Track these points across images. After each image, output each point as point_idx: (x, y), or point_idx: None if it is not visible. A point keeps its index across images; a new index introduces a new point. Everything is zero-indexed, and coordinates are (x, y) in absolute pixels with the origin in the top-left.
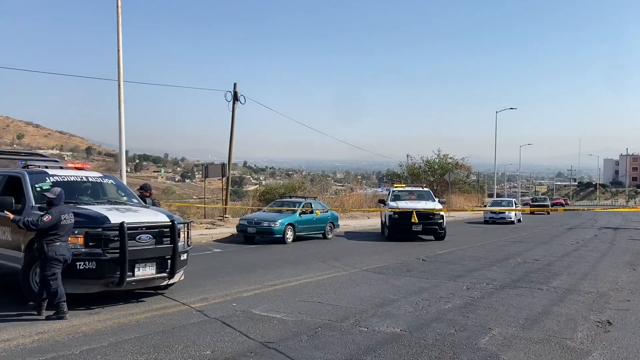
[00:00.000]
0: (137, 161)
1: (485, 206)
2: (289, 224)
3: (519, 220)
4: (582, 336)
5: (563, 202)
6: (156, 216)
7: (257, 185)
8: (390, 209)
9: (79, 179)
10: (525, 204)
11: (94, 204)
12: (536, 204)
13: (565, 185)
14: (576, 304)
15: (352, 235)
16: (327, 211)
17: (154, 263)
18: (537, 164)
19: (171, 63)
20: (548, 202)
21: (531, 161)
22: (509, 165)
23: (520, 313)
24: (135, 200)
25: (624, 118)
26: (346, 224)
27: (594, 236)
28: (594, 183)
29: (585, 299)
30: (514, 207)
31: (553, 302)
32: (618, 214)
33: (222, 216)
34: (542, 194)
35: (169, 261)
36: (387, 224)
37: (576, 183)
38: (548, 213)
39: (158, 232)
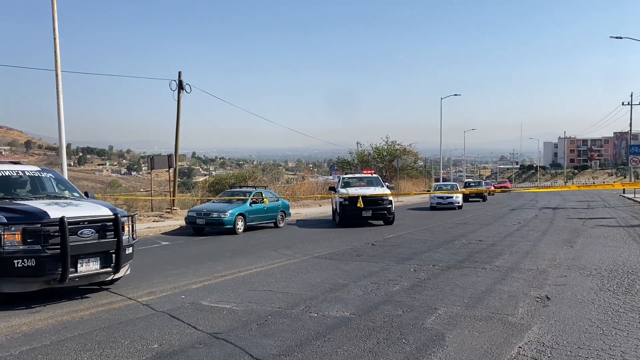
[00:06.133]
0: (81, 154)
1: (429, 191)
2: (239, 214)
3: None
4: (522, 312)
5: (509, 185)
6: (98, 210)
7: (207, 176)
8: (340, 196)
9: (15, 174)
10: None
11: (32, 199)
12: (468, 188)
13: (508, 168)
14: (517, 282)
15: (303, 223)
16: (278, 200)
17: (98, 258)
18: (482, 149)
19: (115, 51)
20: (483, 186)
21: (476, 146)
22: (454, 150)
23: (464, 292)
24: (76, 194)
25: (564, 103)
26: (298, 212)
27: (534, 216)
28: (534, 165)
29: (526, 276)
30: (458, 190)
31: (496, 280)
32: (557, 194)
33: (171, 208)
34: (485, 178)
35: (114, 255)
36: (338, 210)
37: (518, 166)
38: (484, 200)
39: (101, 226)
